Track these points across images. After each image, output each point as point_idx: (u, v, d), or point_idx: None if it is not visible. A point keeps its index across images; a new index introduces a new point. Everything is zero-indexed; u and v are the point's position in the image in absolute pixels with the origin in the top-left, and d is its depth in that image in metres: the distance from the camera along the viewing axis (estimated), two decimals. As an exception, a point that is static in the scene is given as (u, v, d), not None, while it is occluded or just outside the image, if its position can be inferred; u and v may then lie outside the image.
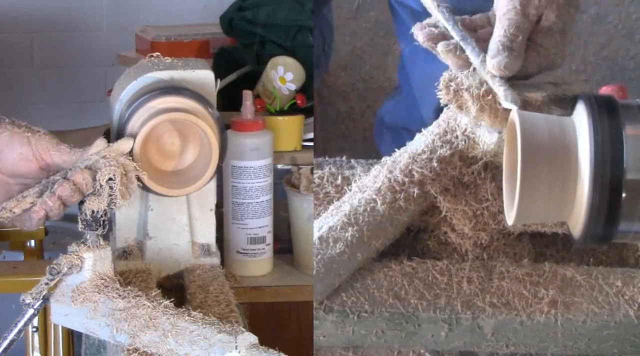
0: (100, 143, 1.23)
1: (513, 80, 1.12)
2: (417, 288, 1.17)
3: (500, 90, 1.09)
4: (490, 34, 1.13)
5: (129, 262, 1.42)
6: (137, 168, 1.25)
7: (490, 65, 1.10)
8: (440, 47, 1.14)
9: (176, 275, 1.44)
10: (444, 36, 1.15)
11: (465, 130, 1.18)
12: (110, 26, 3.00)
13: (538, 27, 1.14)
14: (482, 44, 1.13)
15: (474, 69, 1.12)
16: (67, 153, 1.21)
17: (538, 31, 1.14)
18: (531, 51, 1.14)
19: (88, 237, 1.21)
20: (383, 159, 1.22)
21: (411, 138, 1.22)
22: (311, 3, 2.26)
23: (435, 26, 1.16)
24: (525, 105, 1.11)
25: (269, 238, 1.74)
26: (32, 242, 2.60)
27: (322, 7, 2.06)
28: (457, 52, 1.13)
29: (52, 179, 1.20)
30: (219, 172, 1.45)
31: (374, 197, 1.17)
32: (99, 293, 1.19)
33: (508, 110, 1.10)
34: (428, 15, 1.19)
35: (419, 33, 1.16)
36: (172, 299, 1.18)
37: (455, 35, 1.14)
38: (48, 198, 1.19)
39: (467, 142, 1.18)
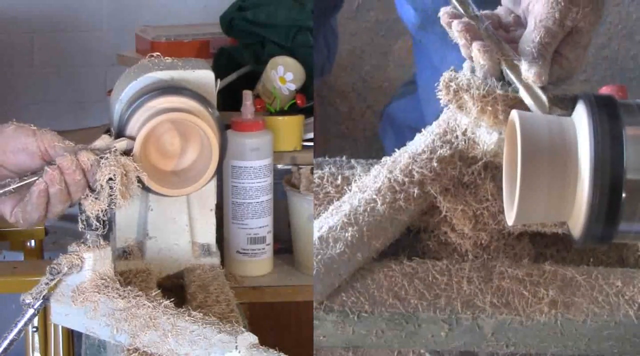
0: (102, 141, 1.24)
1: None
2: (417, 288, 1.17)
3: (531, 97, 1.08)
4: (521, 35, 1.13)
5: (129, 261, 1.42)
6: (137, 168, 1.25)
7: (529, 74, 1.09)
8: (476, 46, 1.13)
9: (176, 275, 1.44)
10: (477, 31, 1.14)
11: (466, 130, 1.18)
12: (110, 26, 3.00)
13: (567, 39, 1.14)
14: (512, 45, 1.13)
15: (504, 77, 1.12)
16: (70, 148, 1.21)
17: (566, 43, 1.14)
18: (553, 62, 1.14)
19: (88, 237, 1.22)
20: (383, 159, 1.22)
21: None
22: (311, 3, 2.26)
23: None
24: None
25: (269, 238, 1.74)
26: (32, 242, 2.60)
27: (330, 16, 2.05)
28: (495, 54, 1.13)
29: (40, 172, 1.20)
30: (219, 172, 1.44)
31: (374, 197, 1.17)
32: (99, 293, 1.19)
33: (508, 112, 1.10)
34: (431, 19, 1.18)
35: (451, 21, 1.15)
36: (172, 299, 1.18)
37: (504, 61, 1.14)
38: (48, 167, 1.18)
39: (467, 142, 1.18)
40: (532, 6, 1.15)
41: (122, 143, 1.27)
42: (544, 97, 1.08)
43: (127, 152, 1.28)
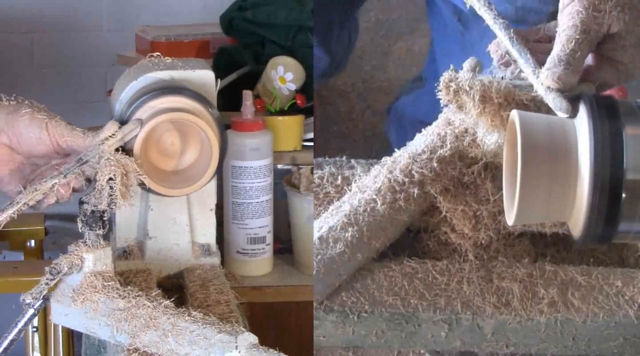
0: (111, 127, 1.27)
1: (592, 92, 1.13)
2: (417, 288, 1.17)
3: (550, 99, 1.08)
4: (550, 49, 1.13)
5: (129, 261, 1.42)
6: (138, 169, 1.25)
7: (544, 76, 1.09)
8: (495, 57, 1.15)
9: (176, 275, 1.44)
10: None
11: (466, 130, 1.18)
12: (110, 26, 3.00)
13: (611, 44, 1.14)
14: (541, 57, 1.13)
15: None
16: (80, 138, 1.26)
17: (612, 48, 1.14)
18: (608, 66, 1.15)
19: (88, 237, 1.22)
20: (383, 159, 1.22)
21: None
22: (311, 3, 2.26)
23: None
24: (526, 105, 1.11)
25: (269, 238, 1.74)
26: (32, 242, 2.61)
27: (356, 9, 2.05)
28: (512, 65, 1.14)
29: (68, 168, 1.23)
30: (219, 172, 1.44)
31: (374, 197, 1.17)
32: (99, 293, 1.19)
33: (507, 113, 1.10)
34: (472, 14, 1.19)
35: (495, 56, 1.17)
36: (172, 299, 1.18)
37: (512, 49, 1.14)
38: (61, 187, 1.23)
39: (467, 142, 1.18)
40: (559, 18, 1.15)
41: (130, 132, 1.28)
42: (563, 102, 1.08)
43: (129, 149, 1.28)
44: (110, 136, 1.26)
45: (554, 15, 1.17)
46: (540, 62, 1.12)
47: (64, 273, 1.19)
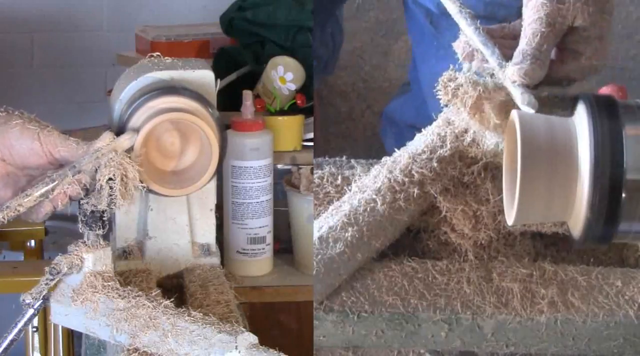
0: (106, 137, 1.25)
1: (558, 87, 1.12)
2: (417, 288, 1.17)
3: (517, 94, 1.08)
4: (515, 45, 1.13)
5: (129, 261, 1.42)
6: (137, 170, 1.25)
7: (510, 72, 1.09)
8: (459, 51, 1.14)
9: (176, 275, 1.44)
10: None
11: (466, 130, 1.18)
12: (110, 26, 3.01)
13: (575, 36, 1.14)
14: (507, 52, 1.13)
15: (492, 75, 1.12)
16: (74, 149, 1.23)
17: (575, 40, 1.14)
18: (571, 59, 1.15)
19: (88, 237, 1.22)
20: (383, 159, 1.22)
21: None
22: (311, 3, 2.26)
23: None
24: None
25: (269, 238, 1.74)
26: (32, 242, 2.61)
27: (336, 9, 2.05)
28: (476, 57, 1.13)
29: (60, 174, 1.21)
30: (219, 172, 1.44)
31: (374, 197, 1.17)
32: (99, 293, 1.19)
33: (502, 115, 1.10)
34: (444, 16, 1.19)
35: (458, 50, 1.17)
36: (172, 299, 1.18)
37: (476, 40, 1.14)
38: (57, 196, 1.21)
39: (467, 142, 1.18)
40: (524, 13, 1.15)
41: (125, 143, 1.27)
42: (527, 96, 1.08)
43: (129, 149, 1.28)
44: (104, 146, 1.23)
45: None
46: (507, 57, 1.12)
47: (64, 273, 1.19)
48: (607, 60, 1.16)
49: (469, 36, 1.15)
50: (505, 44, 1.14)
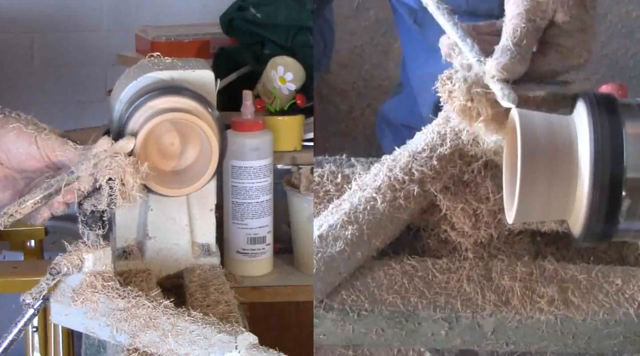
0: (104, 142, 1.24)
1: (539, 81, 1.12)
2: (417, 286, 1.17)
3: (497, 89, 1.08)
4: (498, 41, 1.13)
5: (129, 261, 1.42)
6: (138, 170, 1.25)
7: (489, 66, 1.09)
8: (443, 48, 1.14)
9: (176, 275, 1.44)
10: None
11: (466, 128, 1.17)
12: (110, 26, 3.00)
13: (556, 30, 1.14)
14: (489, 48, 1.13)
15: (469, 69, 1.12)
16: (72, 153, 1.23)
17: (557, 34, 1.14)
18: (553, 52, 1.15)
19: (88, 237, 1.22)
20: (383, 157, 1.22)
21: (412, 135, 1.22)
22: (311, 3, 2.26)
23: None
24: (526, 103, 1.11)
25: (269, 238, 1.74)
26: (32, 242, 2.60)
27: (323, 8, 2.05)
28: (456, 52, 1.13)
29: (58, 179, 1.21)
30: (219, 172, 1.44)
31: (374, 195, 1.17)
32: (99, 293, 1.19)
33: (489, 123, 1.10)
34: (425, 13, 1.19)
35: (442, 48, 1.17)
36: (172, 299, 1.18)
37: (455, 35, 1.14)
38: (55, 202, 1.21)
39: (467, 140, 1.18)
40: (505, 8, 1.15)
41: (123, 148, 1.27)
42: (507, 90, 1.08)
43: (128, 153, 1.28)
44: (102, 151, 1.23)
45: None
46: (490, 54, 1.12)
47: (64, 273, 1.19)
48: (590, 53, 1.16)
49: (447, 32, 1.15)
50: (493, 41, 1.14)
